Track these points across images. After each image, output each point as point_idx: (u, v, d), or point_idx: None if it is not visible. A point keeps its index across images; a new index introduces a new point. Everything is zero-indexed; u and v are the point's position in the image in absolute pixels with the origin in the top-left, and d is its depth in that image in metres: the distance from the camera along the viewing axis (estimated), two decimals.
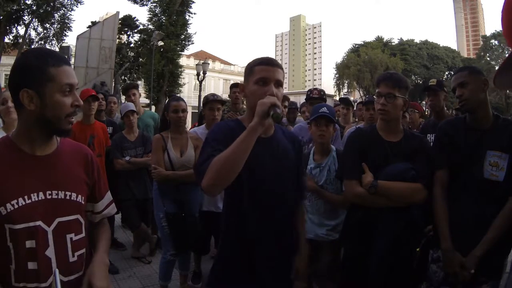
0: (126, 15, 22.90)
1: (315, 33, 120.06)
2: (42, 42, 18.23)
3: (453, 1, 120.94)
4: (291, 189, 1.50)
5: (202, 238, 2.80)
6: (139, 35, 22.70)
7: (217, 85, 35.80)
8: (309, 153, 2.34)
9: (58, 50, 14.60)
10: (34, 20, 17.68)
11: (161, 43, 18.71)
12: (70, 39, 24.36)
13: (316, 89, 3.55)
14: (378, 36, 46.69)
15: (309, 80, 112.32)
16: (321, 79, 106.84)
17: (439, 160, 1.80)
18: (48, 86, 1.05)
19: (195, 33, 22.75)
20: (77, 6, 18.43)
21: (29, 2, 16.82)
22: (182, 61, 22.43)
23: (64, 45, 16.32)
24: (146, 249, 3.74)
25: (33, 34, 18.28)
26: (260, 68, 1.37)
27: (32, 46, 17.60)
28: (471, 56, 66.02)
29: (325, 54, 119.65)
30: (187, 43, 20.87)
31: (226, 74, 38.25)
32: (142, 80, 21.08)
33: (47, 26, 18.32)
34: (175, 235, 2.64)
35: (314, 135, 2.29)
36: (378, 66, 37.45)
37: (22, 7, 16.65)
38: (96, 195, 1.27)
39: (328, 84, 63.65)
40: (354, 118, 4.66)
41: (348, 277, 1.89)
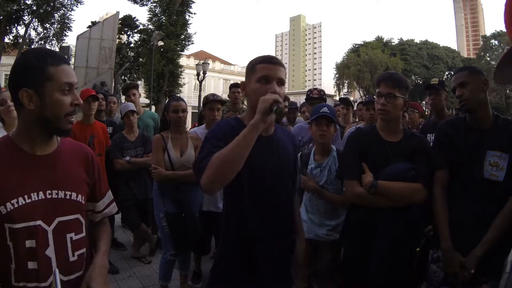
0: (126, 15, 22.91)
1: (315, 33, 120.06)
2: (42, 42, 18.24)
3: (453, 1, 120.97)
4: (290, 188, 1.51)
5: (202, 238, 2.80)
6: (139, 35, 22.71)
7: (217, 85, 35.80)
8: (309, 153, 2.34)
9: (58, 50, 14.61)
10: (34, 20, 17.69)
11: (161, 43, 18.71)
12: (70, 39, 24.41)
13: (316, 89, 3.54)
14: (378, 36, 46.73)
15: (309, 80, 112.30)
16: (321, 79, 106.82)
17: (439, 160, 1.80)
18: (47, 85, 1.05)
19: (195, 33, 22.79)
20: (77, 6, 18.47)
21: (29, 2, 16.83)
22: (182, 61, 22.43)
23: (64, 45, 16.34)
24: (146, 249, 3.74)
25: (33, 34, 18.32)
26: (262, 66, 1.35)
27: (32, 46, 17.60)
28: (471, 56, 65.99)
29: (325, 54, 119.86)
30: (187, 43, 20.88)
31: (226, 74, 38.25)
32: (142, 80, 21.08)
33: (47, 26, 18.33)
34: (175, 235, 2.64)
35: (315, 135, 2.29)
36: (378, 66, 37.43)
37: (22, 7, 16.65)
38: (96, 195, 1.27)
39: (328, 84, 63.64)
40: (354, 118, 4.66)
41: (348, 277, 1.89)
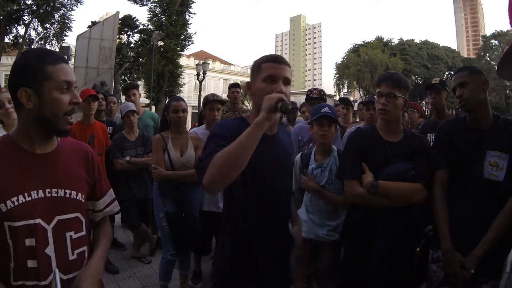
0: (126, 15, 22.92)
1: (315, 33, 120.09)
2: (42, 42, 18.24)
3: (453, 1, 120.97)
4: (290, 188, 1.51)
5: (203, 238, 2.80)
6: (139, 35, 22.72)
7: (217, 85, 35.80)
8: (310, 153, 2.33)
9: (58, 50, 14.62)
10: (34, 20, 17.68)
11: (161, 43, 18.71)
12: (70, 39, 24.40)
13: (316, 89, 3.54)
14: (378, 36, 46.68)
15: (309, 80, 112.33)
16: (321, 79, 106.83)
17: (439, 160, 1.80)
18: (45, 84, 1.05)
19: (195, 33, 22.80)
20: (77, 6, 18.46)
21: (29, 2, 16.83)
22: (182, 61, 22.44)
23: (64, 45, 16.35)
24: (146, 249, 3.74)
25: (33, 34, 18.32)
26: (267, 65, 1.33)
27: (32, 46, 17.61)
28: (471, 56, 65.98)
29: (325, 54, 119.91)
30: (187, 43, 20.89)
31: (226, 74, 38.26)
32: (142, 80, 21.09)
33: (47, 26, 18.32)
34: (175, 235, 2.64)
35: (315, 135, 2.28)
36: (378, 66, 37.41)
37: (22, 7, 16.65)
38: (97, 193, 1.27)
39: (328, 84, 63.63)
40: (354, 118, 4.66)
41: (348, 277, 1.89)
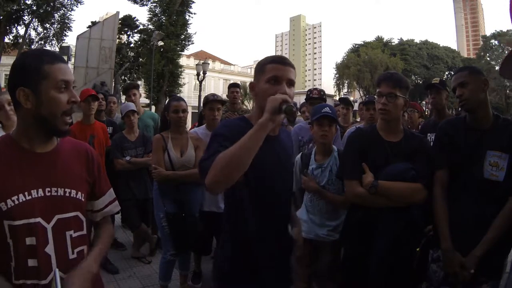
0: (126, 15, 22.95)
1: (315, 33, 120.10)
2: (42, 42, 18.25)
3: (453, 1, 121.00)
4: (290, 188, 1.52)
5: (203, 238, 2.80)
6: (139, 35, 22.76)
7: (217, 85, 35.81)
8: (310, 153, 2.33)
9: (58, 50, 14.63)
10: (34, 20, 17.70)
11: (161, 43, 18.73)
12: (70, 39, 24.41)
13: (316, 89, 3.54)
14: (378, 36, 46.71)
15: (309, 80, 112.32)
16: (321, 79, 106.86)
17: (439, 160, 1.80)
18: (43, 83, 1.05)
19: (195, 33, 22.84)
20: (77, 6, 18.49)
21: (29, 2, 16.85)
22: (182, 61, 22.46)
23: (64, 45, 16.38)
24: (146, 249, 3.74)
25: (33, 34, 18.34)
26: (272, 66, 1.32)
27: (32, 46, 17.64)
28: (471, 56, 66.00)
29: (325, 54, 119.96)
30: (187, 43, 20.92)
31: (226, 74, 38.28)
32: (142, 80, 21.11)
33: (47, 26, 18.34)
34: (175, 235, 2.64)
35: (316, 135, 2.27)
36: (378, 66, 37.42)
37: (22, 7, 16.66)
38: (96, 192, 1.27)
39: (328, 84, 63.65)
40: (354, 118, 4.66)
41: (348, 277, 1.89)
